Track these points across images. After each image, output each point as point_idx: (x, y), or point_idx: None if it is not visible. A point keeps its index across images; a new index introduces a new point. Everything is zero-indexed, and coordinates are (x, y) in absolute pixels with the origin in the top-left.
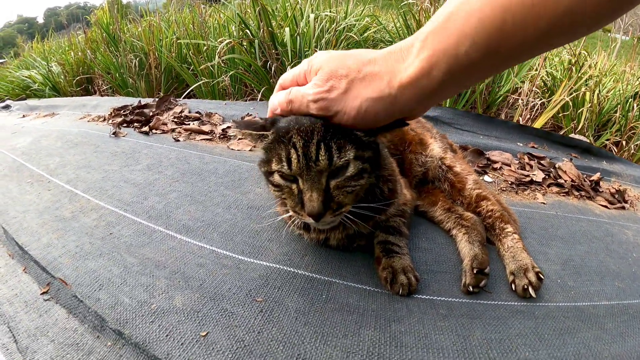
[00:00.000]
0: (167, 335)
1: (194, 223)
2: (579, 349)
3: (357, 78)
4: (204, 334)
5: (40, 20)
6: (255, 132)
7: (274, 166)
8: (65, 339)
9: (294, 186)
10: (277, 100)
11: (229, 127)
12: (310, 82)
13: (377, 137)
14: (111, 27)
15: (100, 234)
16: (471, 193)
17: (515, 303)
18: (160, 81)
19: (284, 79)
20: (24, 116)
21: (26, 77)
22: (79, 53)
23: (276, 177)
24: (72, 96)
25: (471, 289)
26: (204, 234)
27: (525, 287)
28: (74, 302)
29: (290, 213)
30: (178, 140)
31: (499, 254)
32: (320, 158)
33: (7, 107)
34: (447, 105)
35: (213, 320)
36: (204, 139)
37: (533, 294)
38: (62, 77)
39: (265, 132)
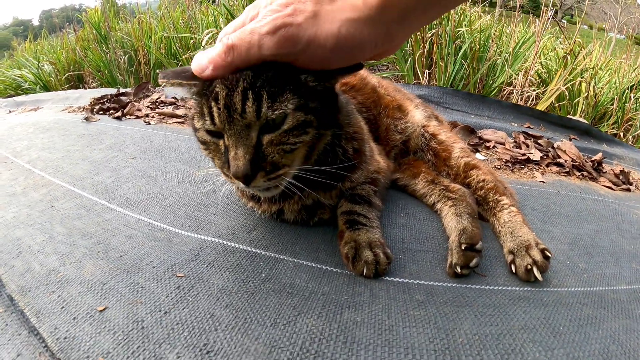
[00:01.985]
0: (62, 308)
1: (138, 196)
2: (606, 345)
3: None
4: (101, 308)
5: (36, 22)
6: (185, 82)
7: (197, 123)
8: None
9: (220, 142)
10: (207, 55)
11: None
12: (259, 15)
13: (333, 83)
14: (102, 24)
15: (41, 206)
16: (458, 162)
17: (517, 288)
18: (150, 77)
19: (225, 31)
20: (10, 112)
21: (17, 76)
22: (70, 51)
23: (201, 133)
24: None
25: (459, 269)
26: (146, 207)
27: (529, 267)
28: None
29: (223, 176)
30: (149, 124)
31: (494, 230)
32: (246, 110)
33: None
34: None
35: (117, 295)
36: (176, 122)
37: (539, 276)
38: (53, 75)
39: (191, 82)
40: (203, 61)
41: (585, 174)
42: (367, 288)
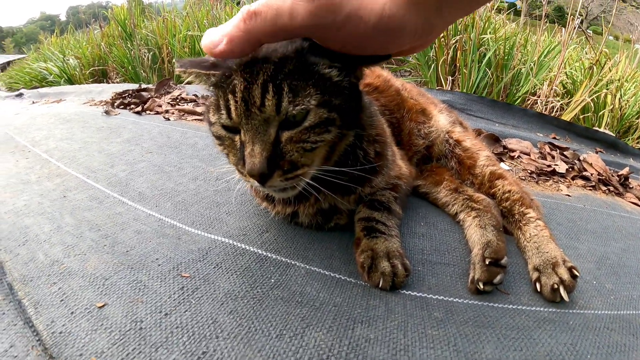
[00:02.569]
0: (61, 301)
1: (151, 191)
2: None
3: None
4: (100, 304)
5: (63, 17)
6: (203, 72)
7: (212, 116)
8: None
9: (236, 138)
10: (220, 30)
11: None
12: None
13: (358, 77)
14: (127, 22)
15: (54, 196)
16: (484, 171)
17: (542, 309)
18: (172, 75)
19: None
20: (33, 102)
21: (43, 69)
22: (95, 47)
23: (217, 128)
24: None
25: (481, 285)
26: (158, 202)
27: (555, 286)
28: None
29: (237, 174)
30: (168, 120)
31: (518, 245)
32: (265, 103)
33: (20, 95)
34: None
35: (118, 291)
36: (195, 119)
37: (565, 297)
38: (78, 69)
39: (210, 72)
40: (215, 36)
41: (611, 188)
42: (382, 301)
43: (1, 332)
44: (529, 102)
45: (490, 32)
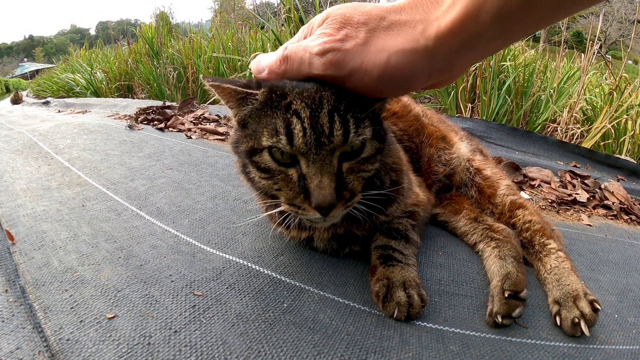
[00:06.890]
0: (71, 308)
1: (169, 207)
2: None
3: (380, 27)
4: (110, 316)
5: (93, 31)
6: (243, 90)
7: (265, 140)
8: None
9: (291, 171)
10: (266, 59)
11: None
12: (315, 32)
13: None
14: (154, 40)
15: (72, 204)
16: (504, 200)
17: (561, 344)
18: (197, 94)
19: (291, 41)
20: (59, 111)
21: (70, 79)
22: (122, 62)
23: (266, 158)
24: None
25: (500, 319)
26: (175, 218)
27: (576, 320)
28: (4, 254)
29: (282, 208)
30: (190, 138)
31: (538, 277)
32: (334, 133)
33: (47, 103)
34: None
35: (129, 304)
36: (216, 139)
37: (586, 332)
38: (104, 83)
39: (252, 91)
40: (261, 63)
41: (633, 217)
42: (396, 332)
43: (9, 333)
44: (548, 129)
45: (509, 59)
